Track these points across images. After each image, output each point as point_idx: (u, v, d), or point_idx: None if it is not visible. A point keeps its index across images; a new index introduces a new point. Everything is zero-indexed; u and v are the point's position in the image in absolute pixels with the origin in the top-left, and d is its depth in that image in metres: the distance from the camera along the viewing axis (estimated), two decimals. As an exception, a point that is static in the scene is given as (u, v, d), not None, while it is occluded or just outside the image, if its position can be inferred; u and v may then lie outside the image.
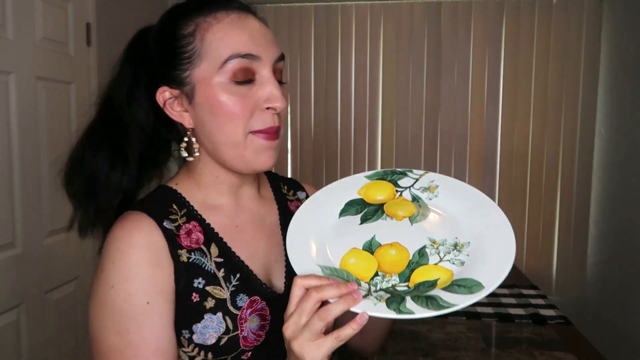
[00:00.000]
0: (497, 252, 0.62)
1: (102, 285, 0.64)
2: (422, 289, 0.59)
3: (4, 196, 1.59)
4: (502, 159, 2.71)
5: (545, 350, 1.22)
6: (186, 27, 0.68)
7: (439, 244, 0.65)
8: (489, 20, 2.65)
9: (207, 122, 0.68)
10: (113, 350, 0.62)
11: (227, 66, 0.66)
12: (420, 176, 0.72)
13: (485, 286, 0.59)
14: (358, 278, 0.61)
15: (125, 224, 0.67)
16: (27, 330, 1.68)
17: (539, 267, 2.70)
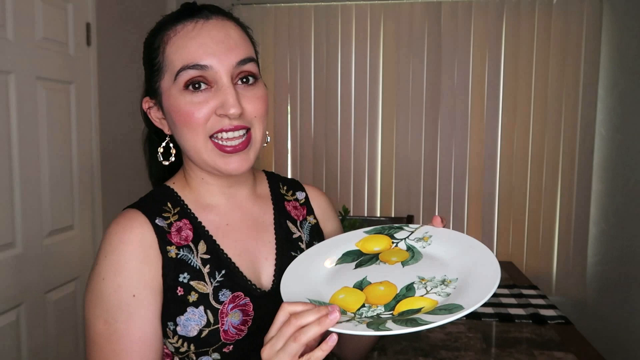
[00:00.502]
0: (481, 282, 0.62)
1: (95, 277, 0.69)
2: (405, 315, 0.60)
3: (4, 196, 1.59)
4: (502, 159, 2.71)
5: (545, 350, 1.22)
6: (156, 41, 0.74)
7: (427, 280, 0.66)
8: (489, 20, 2.65)
9: (174, 129, 0.74)
10: (101, 337, 0.67)
11: (180, 78, 0.70)
12: (415, 229, 0.76)
13: (465, 307, 0.58)
14: (345, 309, 0.62)
15: (120, 221, 0.72)
16: (27, 330, 1.68)
17: (539, 267, 2.70)
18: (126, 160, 2.33)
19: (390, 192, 2.80)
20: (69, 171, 1.93)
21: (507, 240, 2.72)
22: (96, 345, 0.67)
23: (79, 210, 1.98)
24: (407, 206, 2.77)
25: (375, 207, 2.83)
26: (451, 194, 2.75)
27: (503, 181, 2.71)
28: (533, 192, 2.70)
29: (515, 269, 2.04)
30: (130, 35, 2.38)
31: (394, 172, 2.79)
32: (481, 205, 2.73)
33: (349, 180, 2.83)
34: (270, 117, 2.87)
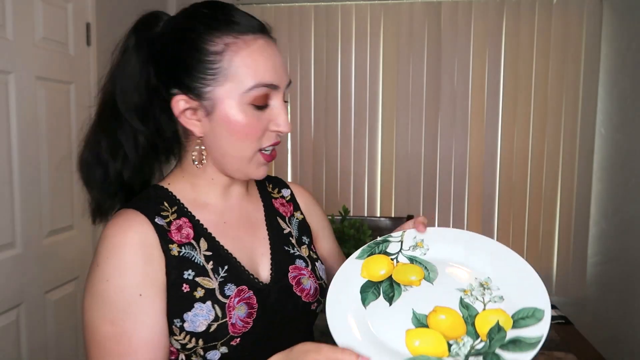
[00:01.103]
0: (514, 272, 0.67)
1: (97, 279, 0.68)
2: (497, 337, 0.61)
3: (4, 196, 1.59)
4: (502, 159, 2.71)
5: (545, 350, 1.22)
6: (214, 44, 0.70)
7: (469, 291, 0.67)
8: (489, 20, 2.65)
9: (222, 136, 0.73)
10: (108, 339, 0.67)
11: (251, 92, 0.71)
12: (401, 237, 0.76)
13: (542, 308, 0.62)
14: (438, 356, 0.60)
15: (119, 221, 0.71)
16: (27, 330, 1.68)
17: (539, 267, 2.69)
18: (126, 160, 2.32)
19: (390, 192, 2.80)
20: (69, 171, 1.93)
21: (507, 240, 2.72)
22: (102, 349, 0.67)
23: (79, 210, 1.98)
24: (407, 206, 2.77)
25: (375, 207, 2.83)
26: (451, 193, 2.75)
27: (503, 181, 2.71)
28: (533, 192, 2.70)
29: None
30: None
31: (394, 172, 2.79)
32: (481, 205, 2.73)
33: (349, 180, 2.83)
34: (270, 117, 2.87)
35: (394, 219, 2.42)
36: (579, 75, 2.60)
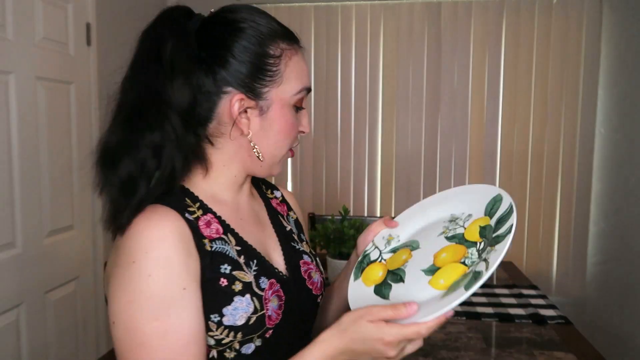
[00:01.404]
0: (465, 196, 0.81)
1: (135, 275, 0.65)
2: (487, 230, 0.72)
3: (4, 196, 1.59)
4: (502, 159, 2.71)
5: (545, 350, 1.22)
6: (275, 49, 0.75)
7: (446, 230, 0.78)
8: (489, 20, 2.65)
9: (270, 135, 0.77)
10: (153, 337, 0.64)
11: (298, 95, 0.77)
12: (373, 244, 0.85)
13: (497, 192, 0.75)
14: (461, 275, 0.68)
15: (151, 216, 0.68)
16: (27, 330, 1.68)
17: (539, 267, 2.70)
18: (126, 160, 2.33)
19: (390, 192, 2.80)
20: (69, 171, 1.93)
21: (507, 240, 2.72)
22: (149, 348, 0.64)
23: (79, 210, 1.98)
24: (407, 206, 2.75)
25: (375, 207, 2.83)
26: (451, 194, 2.75)
27: (503, 181, 2.71)
28: (533, 192, 2.69)
29: (515, 269, 2.04)
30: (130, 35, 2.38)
31: (394, 172, 2.79)
32: (481, 205, 2.73)
33: (349, 180, 2.83)
34: (270, 117, 2.87)
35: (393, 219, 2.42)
36: (579, 75, 2.60)
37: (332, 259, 1.62)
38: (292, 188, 2.89)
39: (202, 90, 0.73)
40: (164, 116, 0.69)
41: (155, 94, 0.70)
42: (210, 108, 0.74)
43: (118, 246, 0.68)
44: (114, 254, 0.69)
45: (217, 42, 0.74)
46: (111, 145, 0.71)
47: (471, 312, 1.47)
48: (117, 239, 0.70)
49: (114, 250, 0.69)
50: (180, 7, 0.76)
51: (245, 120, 0.75)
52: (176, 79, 0.70)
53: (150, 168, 0.70)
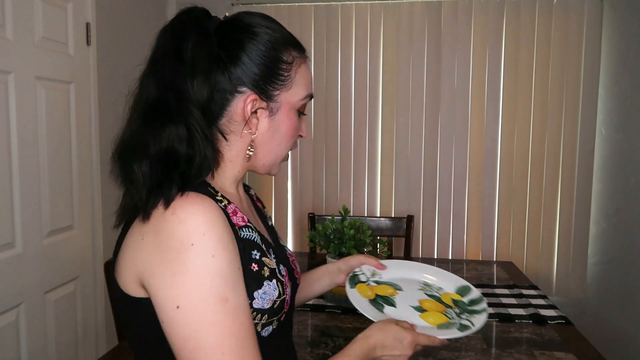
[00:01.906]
0: (434, 274, 1.12)
1: (197, 257, 0.65)
2: (460, 303, 1.01)
3: (4, 196, 1.59)
4: (502, 159, 2.70)
5: (546, 351, 1.22)
6: (287, 55, 0.81)
7: (424, 288, 1.06)
8: (489, 20, 2.65)
9: (276, 135, 0.82)
10: (225, 315, 0.65)
11: (303, 100, 0.84)
12: (361, 271, 1.07)
13: (466, 284, 1.07)
14: (448, 320, 0.94)
15: (196, 201, 0.68)
16: (27, 330, 1.68)
17: (539, 268, 2.70)
18: (126, 160, 2.32)
19: (390, 192, 2.80)
20: (69, 171, 1.93)
21: (507, 240, 2.72)
22: (222, 326, 0.65)
23: (79, 210, 1.98)
24: (407, 206, 2.77)
25: (375, 207, 2.82)
26: (451, 193, 2.75)
27: (503, 181, 2.71)
28: (533, 192, 2.69)
29: (515, 269, 2.04)
30: (130, 35, 2.38)
31: (394, 172, 2.79)
32: (481, 205, 2.73)
33: (349, 180, 2.82)
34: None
35: (394, 219, 2.42)
36: (579, 75, 2.60)
37: (332, 259, 1.62)
38: (292, 188, 2.89)
39: (218, 87, 0.76)
40: (187, 110, 0.72)
41: (176, 89, 0.72)
42: (223, 105, 0.77)
43: (160, 232, 0.66)
44: (154, 243, 0.67)
45: (234, 43, 0.77)
46: (132, 137, 0.72)
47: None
48: (151, 226, 0.68)
49: (153, 238, 0.67)
50: (200, 8, 0.79)
51: (255, 120, 0.79)
52: (197, 76, 0.72)
53: (177, 158, 0.70)
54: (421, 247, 2.78)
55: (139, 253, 0.68)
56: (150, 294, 0.67)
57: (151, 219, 0.68)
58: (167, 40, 0.75)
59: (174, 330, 0.65)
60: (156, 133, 0.70)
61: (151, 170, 0.69)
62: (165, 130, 0.70)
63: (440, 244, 2.78)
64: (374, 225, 2.40)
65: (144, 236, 0.68)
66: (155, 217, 0.68)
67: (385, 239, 2.26)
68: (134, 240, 0.69)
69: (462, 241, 2.75)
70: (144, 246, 0.68)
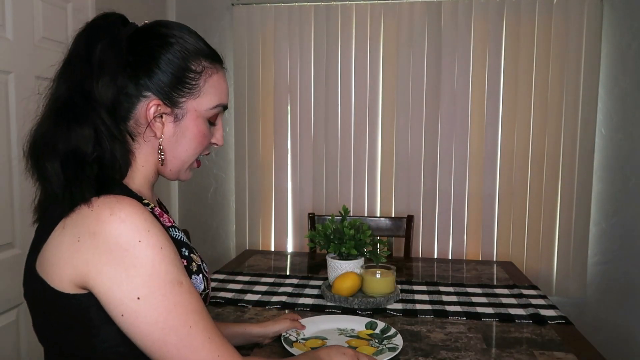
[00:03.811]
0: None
1: (146, 251, 0.71)
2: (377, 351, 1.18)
3: (4, 196, 1.59)
4: (502, 159, 2.70)
5: (545, 351, 1.22)
6: (196, 65, 0.84)
7: (342, 333, 1.30)
8: (489, 20, 2.65)
9: (181, 141, 0.85)
10: (182, 295, 0.73)
11: (213, 110, 0.87)
12: (289, 333, 1.25)
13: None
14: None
15: (130, 202, 0.72)
16: (27, 330, 1.68)
17: (539, 268, 2.70)
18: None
19: (390, 192, 2.80)
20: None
21: (507, 240, 2.72)
22: (183, 305, 0.72)
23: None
24: (407, 206, 2.77)
25: (375, 207, 2.82)
26: (451, 193, 2.75)
27: (503, 181, 2.71)
28: (533, 192, 2.69)
29: (515, 269, 2.04)
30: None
31: (394, 172, 2.79)
32: (481, 205, 2.73)
33: (349, 180, 2.82)
34: (270, 117, 2.87)
35: (394, 219, 2.42)
36: (579, 75, 2.60)
37: (331, 259, 1.62)
38: (292, 188, 2.89)
39: (125, 91, 0.80)
40: (93, 111, 0.75)
41: (83, 90, 0.76)
42: (129, 108, 0.81)
43: (97, 233, 0.69)
44: (92, 243, 0.69)
45: (145, 50, 0.81)
46: (43, 136, 0.76)
47: (471, 312, 1.47)
48: (86, 227, 0.70)
49: (91, 239, 0.69)
50: (116, 14, 0.84)
51: (159, 124, 0.82)
52: (102, 77, 0.76)
53: (84, 157, 0.74)
54: (421, 247, 2.78)
55: (76, 254, 0.70)
56: (100, 292, 0.70)
57: (81, 219, 0.70)
58: (80, 42, 0.79)
59: (138, 319, 0.70)
60: (64, 132, 0.74)
61: (62, 169, 0.73)
62: (71, 130, 0.74)
63: (440, 244, 2.78)
64: (374, 225, 2.40)
65: (80, 237, 0.70)
66: (87, 217, 0.70)
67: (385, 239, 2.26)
68: (68, 241, 0.71)
69: (462, 241, 2.75)
70: (82, 247, 0.70)
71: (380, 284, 1.52)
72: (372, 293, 1.53)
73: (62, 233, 0.72)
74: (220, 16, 2.91)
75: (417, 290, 1.68)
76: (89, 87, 0.76)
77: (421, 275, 1.94)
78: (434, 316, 1.43)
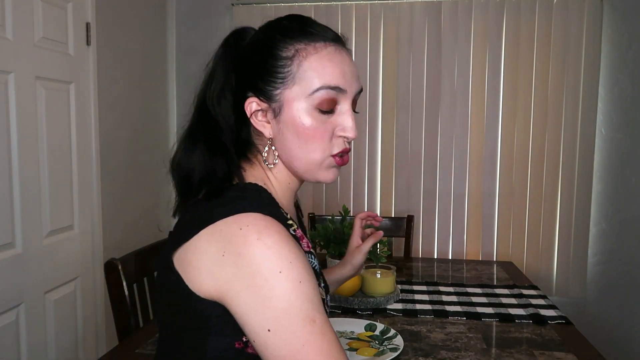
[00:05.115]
0: None
1: (286, 283, 0.67)
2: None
3: (4, 196, 1.59)
4: (502, 159, 2.70)
5: (545, 350, 1.21)
6: (286, 50, 0.76)
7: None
8: (489, 20, 2.65)
9: (289, 138, 0.77)
10: (315, 335, 0.68)
11: (317, 94, 0.75)
12: None
13: None
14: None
15: (278, 229, 0.70)
16: (26, 330, 1.68)
17: (539, 267, 2.70)
18: (125, 160, 2.33)
19: (390, 192, 2.80)
20: (69, 171, 1.93)
21: (507, 240, 2.72)
22: (312, 347, 0.67)
23: (79, 210, 1.98)
24: (407, 206, 2.77)
25: (376, 207, 2.82)
26: (451, 193, 2.75)
27: (503, 181, 2.71)
28: (533, 192, 2.69)
29: (515, 269, 2.04)
30: (130, 35, 2.38)
31: (394, 171, 2.79)
32: (481, 205, 2.73)
33: (349, 180, 2.82)
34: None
35: (394, 219, 2.42)
36: (579, 75, 2.60)
37: (332, 259, 1.62)
38: (292, 188, 2.88)
39: (236, 98, 0.80)
40: (211, 121, 0.79)
41: (203, 101, 0.80)
42: (233, 110, 0.80)
43: (242, 255, 0.68)
44: (235, 264, 0.69)
45: (244, 54, 0.80)
46: (180, 148, 0.82)
47: (471, 312, 1.47)
48: (233, 245, 0.69)
49: (235, 258, 0.69)
50: (240, 30, 0.84)
51: (266, 123, 0.78)
52: (217, 87, 0.80)
53: (208, 166, 0.77)
54: (421, 247, 2.78)
55: (219, 269, 0.69)
56: (236, 314, 0.69)
57: (229, 235, 0.69)
58: (210, 62, 0.82)
59: (267, 351, 0.68)
60: (198, 145, 0.78)
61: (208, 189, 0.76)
62: (201, 143, 0.78)
63: (440, 244, 2.78)
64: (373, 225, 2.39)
65: (225, 253, 0.69)
66: (234, 235, 0.69)
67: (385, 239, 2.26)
68: (212, 252, 0.70)
69: (462, 241, 2.75)
70: (225, 264, 0.69)
71: (381, 284, 1.53)
72: (372, 293, 1.53)
73: (207, 241, 0.71)
74: (220, 16, 2.91)
75: (417, 290, 1.69)
76: (206, 100, 0.81)
77: (421, 275, 1.94)
78: (434, 316, 1.43)
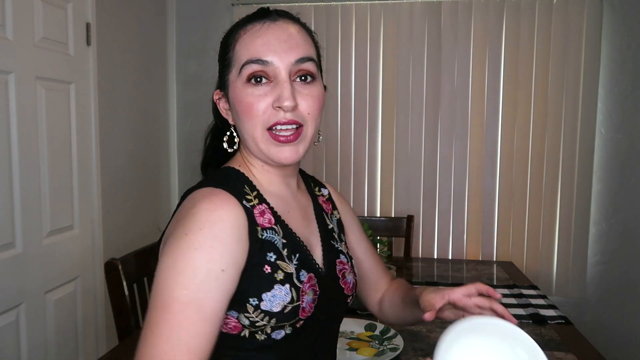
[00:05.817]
0: None
1: (184, 245, 0.69)
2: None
3: (4, 196, 1.59)
4: (502, 158, 2.70)
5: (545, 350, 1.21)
6: (229, 40, 0.82)
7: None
8: (489, 20, 2.65)
9: (236, 119, 0.82)
10: (177, 302, 0.67)
11: (243, 70, 0.78)
12: None
13: None
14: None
15: (214, 199, 0.73)
16: (27, 330, 1.68)
17: (539, 267, 2.70)
18: (125, 160, 2.33)
19: (390, 192, 2.80)
20: (69, 171, 1.93)
21: (507, 240, 2.72)
22: (169, 310, 0.66)
23: (79, 210, 1.98)
24: (407, 206, 2.77)
25: (376, 207, 2.82)
26: (451, 193, 2.75)
27: (503, 181, 2.71)
28: (533, 192, 2.69)
29: (515, 269, 2.04)
30: (130, 35, 2.38)
31: (394, 171, 2.79)
32: (481, 205, 2.73)
33: (349, 180, 2.82)
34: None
35: (394, 219, 2.42)
36: (579, 75, 2.60)
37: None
38: (292, 188, 2.88)
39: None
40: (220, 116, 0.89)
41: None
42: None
43: (179, 219, 0.73)
44: (173, 225, 0.74)
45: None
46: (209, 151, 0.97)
47: (471, 312, 1.47)
48: (177, 214, 0.76)
49: (174, 222, 0.75)
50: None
51: (228, 111, 0.84)
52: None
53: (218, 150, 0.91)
54: (421, 247, 2.78)
55: (168, 228, 0.78)
56: None
57: (183, 209, 0.76)
58: None
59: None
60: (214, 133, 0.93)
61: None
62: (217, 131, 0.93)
63: (440, 244, 2.78)
64: (373, 225, 2.40)
65: (175, 217, 0.78)
66: (184, 206, 0.76)
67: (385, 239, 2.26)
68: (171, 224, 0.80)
69: (462, 241, 2.75)
70: (171, 224, 0.78)
71: (380, 284, 1.53)
72: (372, 293, 1.53)
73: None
74: (220, 16, 2.91)
75: (417, 290, 1.68)
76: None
77: (421, 275, 1.94)
78: (434, 316, 1.43)
